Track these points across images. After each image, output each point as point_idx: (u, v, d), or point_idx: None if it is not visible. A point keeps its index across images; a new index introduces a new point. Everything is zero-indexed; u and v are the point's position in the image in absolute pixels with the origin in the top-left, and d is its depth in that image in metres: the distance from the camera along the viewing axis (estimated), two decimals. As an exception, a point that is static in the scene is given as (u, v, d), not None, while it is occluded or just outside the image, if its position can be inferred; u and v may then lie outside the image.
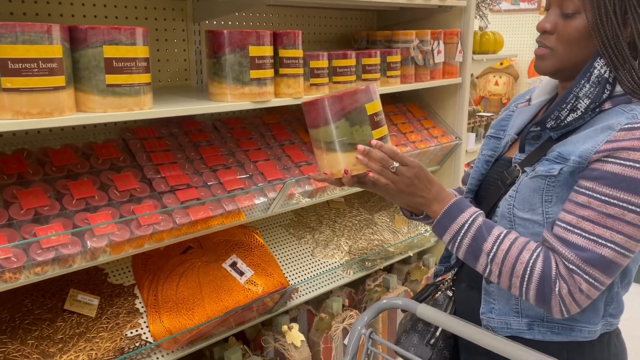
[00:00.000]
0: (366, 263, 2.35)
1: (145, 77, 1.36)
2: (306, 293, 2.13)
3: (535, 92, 1.27)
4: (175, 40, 1.98)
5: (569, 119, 1.06)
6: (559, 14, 1.06)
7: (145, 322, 1.71)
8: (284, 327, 2.00)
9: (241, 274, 1.84)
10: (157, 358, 1.68)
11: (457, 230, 1.08)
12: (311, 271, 2.17)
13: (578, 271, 0.98)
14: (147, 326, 1.70)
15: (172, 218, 1.57)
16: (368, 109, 1.08)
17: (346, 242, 2.34)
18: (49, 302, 1.64)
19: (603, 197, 0.97)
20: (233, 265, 1.87)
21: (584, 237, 0.98)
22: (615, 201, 0.96)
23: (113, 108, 1.31)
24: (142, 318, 1.72)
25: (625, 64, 1.01)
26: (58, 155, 1.56)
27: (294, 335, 1.99)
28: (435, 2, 2.33)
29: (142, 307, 1.75)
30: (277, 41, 1.66)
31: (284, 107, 2.22)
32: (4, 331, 1.52)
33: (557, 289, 0.99)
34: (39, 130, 1.68)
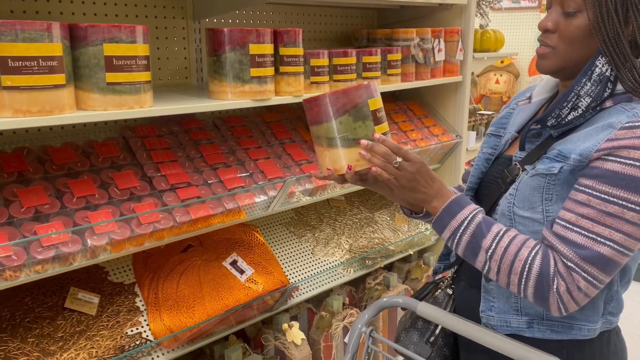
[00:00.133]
0: (366, 261, 2.35)
1: (145, 75, 1.35)
2: (306, 291, 2.13)
3: (535, 90, 1.26)
4: (175, 38, 1.98)
5: (570, 117, 1.06)
6: (561, 13, 1.06)
7: (145, 321, 1.71)
8: (285, 326, 2.00)
9: (242, 272, 1.84)
10: (158, 356, 1.68)
11: (457, 226, 1.08)
12: (311, 269, 2.17)
13: (576, 269, 0.98)
14: (148, 324, 1.70)
15: (173, 216, 1.57)
16: (370, 105, 1.08)
17: (347, 241, 2.34)
18: (50, 301, 1.64)
19: (603, 196, 0.97)
20: (233, 263, 1.87)
21: (583, 235, 0.98)
22: (615, 199, 0.96)
23: (113, 106, 1.31)
24: (143, 316, 1.72)
25: (626, 63, 1.01)
26: (58, 153, 1.56)
27: (295, 333, 1.99)
28: (436, 0, 2.32)
29: (143, 306, 1.75)
30: (278, 39, 1.66)
31: (285, 106, 2.22)
32: (5, 329, 1.52)
33: (555, 287, 0.99)
34: (39, 128, 1.68)
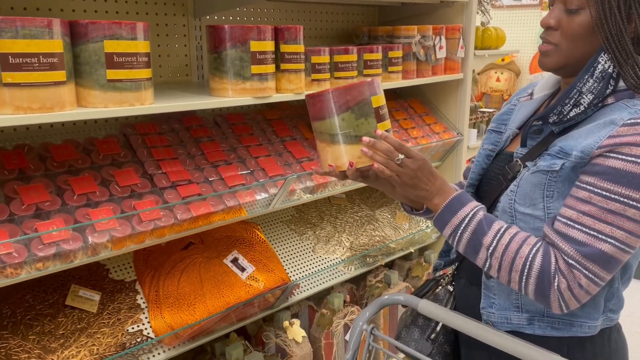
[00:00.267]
0: (367, 259, 2.35)
1: (146, 72, 1.35)
2: (307, 289, 2.13)
3: (537, 87, 1.26)
4: (176, 35, 1.98)
5: (572, 114, 1.05)
6: (563, 10, 1.06)
7: (146, 318, 1.71)
8: (285, 323, 2.00)
9: (242, 270, 1.84)
10: (159, 353, 1.68)
11: (458, 223, 1.08)
12: (312, 267, 2.17)
13: (577, 266, 0.98)
14: (149, 322, 1.70)
15: (173, 214, 1.57)
16: (373, 102, 1.08)
17: (347, 238, 2.34)
18: (51, 298, 1.64)
19: (604, 193, 0.97)
20: (234, 261, 1.87)
21: (584, 232, 0.98)
22: (616, 197, 0.96)
23: (114, 103, 1.31)
24: (144, 314, 1.72)
25: (629, 60, 1.01)
26: (59, 150, 1.56)
27: (295, 331, 1.99)
28: (437, -2, 2.32)
29: (144, 303, 1.75)
30: (279, 36, 1.66)
31: (286, 103, 2.22)
32: (6, 327, 1.52)
33: (556, 284, 0.99)
34: (40, 125, 1.68)
